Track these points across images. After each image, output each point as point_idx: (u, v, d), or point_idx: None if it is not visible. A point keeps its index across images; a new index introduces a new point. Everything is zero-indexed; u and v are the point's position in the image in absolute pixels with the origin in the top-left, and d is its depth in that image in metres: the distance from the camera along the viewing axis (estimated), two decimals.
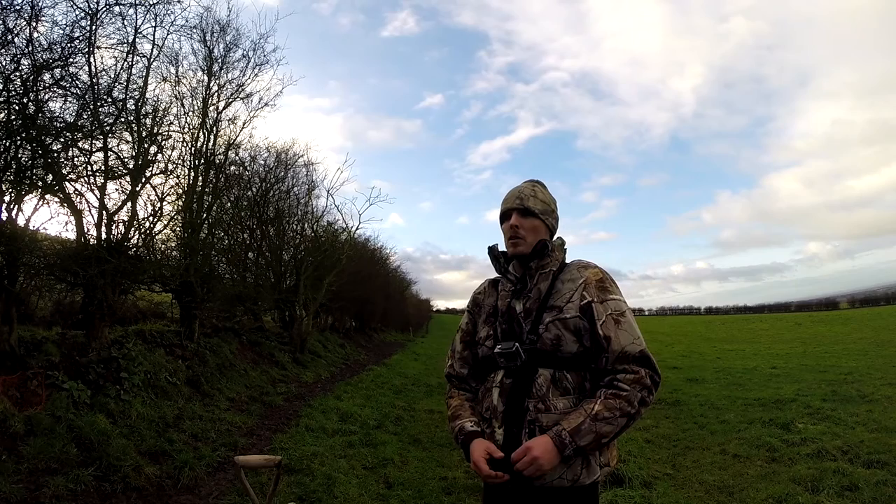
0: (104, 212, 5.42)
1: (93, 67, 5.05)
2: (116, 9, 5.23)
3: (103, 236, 5.41)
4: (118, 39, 5.40)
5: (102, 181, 5.37)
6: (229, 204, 9.44)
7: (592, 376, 1.31)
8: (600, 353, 1.29)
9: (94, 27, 5.00)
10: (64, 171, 5.03)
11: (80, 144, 5.18)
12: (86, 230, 5.30)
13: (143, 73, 5.91)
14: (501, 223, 1.50)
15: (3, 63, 4.34)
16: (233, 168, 9.07)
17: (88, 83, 5.03)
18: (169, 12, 5.95)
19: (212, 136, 7.97)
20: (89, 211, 5.36)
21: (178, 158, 7.21)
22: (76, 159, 5.24)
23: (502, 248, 1.51)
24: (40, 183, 4.89)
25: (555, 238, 1.50)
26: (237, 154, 9.13)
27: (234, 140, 8.61)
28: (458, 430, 1.39)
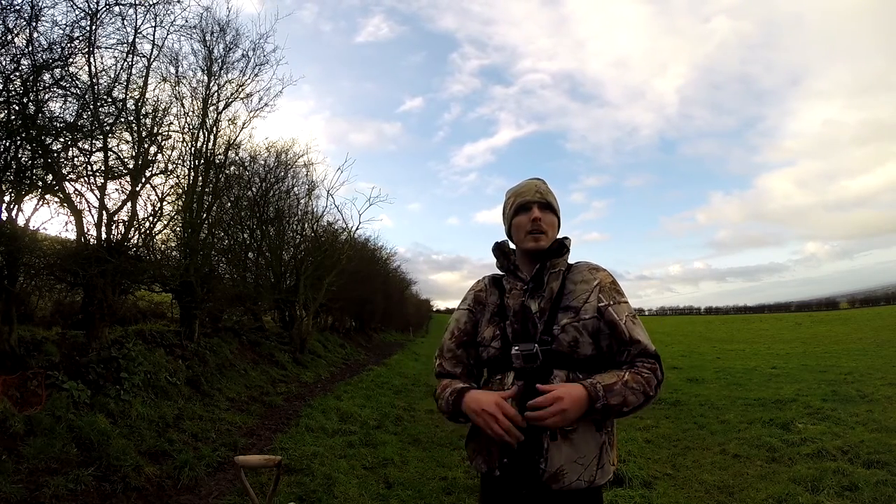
0: (104, 212, 5.42)
1: (93, 67, 5.06)
2: (116, 9, 5.24)
3: (103, 236, 5.41)
4: (118, 39, 5.41)
5: (102, 181, 5.37)
6: (229, 204, 9.44)
7: None
8: (622, 349, 1.30)
9: (94, 27, 5.01)
10: (64, 171, 5.03)
11: (80, 144, 5.18)
12: (86, 230, 5.30)
13: (143, 73, 5.92)
14: (514, 216, 1.42)
15: (3, 63, 4.34)
16: (232, 168, 9.07)
17: (88, 83, 5.04)
18: (169, 12, 5.97)
19: (212, 137, 7.97)
20: (89, 211, 5.37)
21: (178, 158, 7.22)
22: (76, 159, 5.25)
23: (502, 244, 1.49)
24: (40, 183, 4.89)
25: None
26: (237, 154, 9.14)
27: (234, 140, 8.62)
28: (450, 393, 1.32)
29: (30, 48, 4.46)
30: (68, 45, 4.76)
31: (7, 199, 4.64)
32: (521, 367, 1.29)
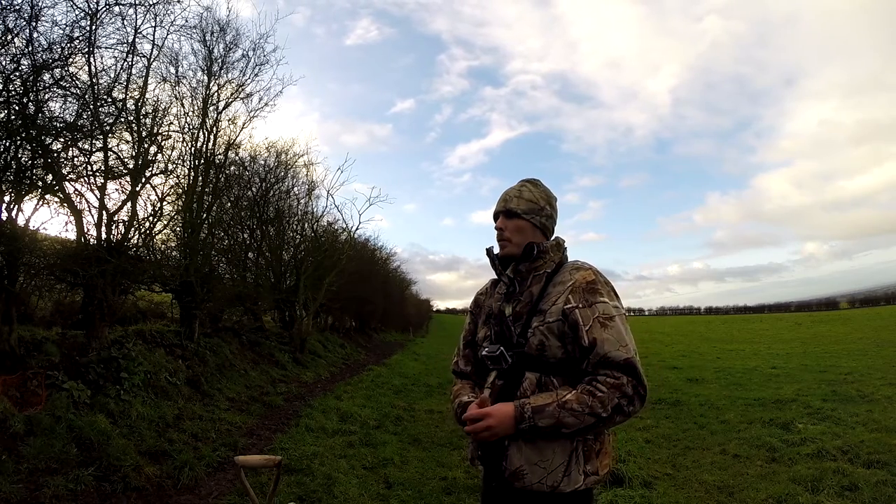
0: (104, 212, 5.42)
1: (93, 67, 5.06)
2: (116, 9, 5.23)
3: (103, 236, 5.40)
4: (118, 39, 5.40)
5: (102, 181, 5.37)
6: (229, 204, 9.44)
7: (578, 380, 1.29)
8: (582, 356, 1.27)
9: (93, 27, 5.00)
10: (64, 171, 5.03)
11: (80, 144, 5.17)
12: (86, 230, 5.29)
13: (143, 73, 5.92)
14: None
15: (3, 63, 4.34)
16: (232, 168, 9.07)
17: (88, 83, 5.03)
18: (169, 12, 5.96)
19: (212, 136, 7.97)
20: (89, 211, 5.37)
21: (178, 158, 7.22)
22: (76, 159, 5.24)
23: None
24: (40, 183, 4.89)
25: (552, 237, 1.47)
26: (237, 154, 9.14)
27: (234, 140, 8.62)
28: (457, 406, 1.42)
29: (30, 48, 4.45)
30: (68, 45, 4.76)
31: (7, 199, 4.63)
32: (493, 367, 1.36)
